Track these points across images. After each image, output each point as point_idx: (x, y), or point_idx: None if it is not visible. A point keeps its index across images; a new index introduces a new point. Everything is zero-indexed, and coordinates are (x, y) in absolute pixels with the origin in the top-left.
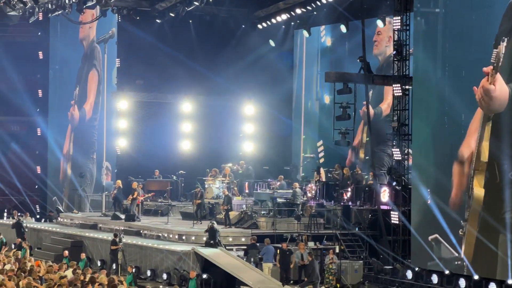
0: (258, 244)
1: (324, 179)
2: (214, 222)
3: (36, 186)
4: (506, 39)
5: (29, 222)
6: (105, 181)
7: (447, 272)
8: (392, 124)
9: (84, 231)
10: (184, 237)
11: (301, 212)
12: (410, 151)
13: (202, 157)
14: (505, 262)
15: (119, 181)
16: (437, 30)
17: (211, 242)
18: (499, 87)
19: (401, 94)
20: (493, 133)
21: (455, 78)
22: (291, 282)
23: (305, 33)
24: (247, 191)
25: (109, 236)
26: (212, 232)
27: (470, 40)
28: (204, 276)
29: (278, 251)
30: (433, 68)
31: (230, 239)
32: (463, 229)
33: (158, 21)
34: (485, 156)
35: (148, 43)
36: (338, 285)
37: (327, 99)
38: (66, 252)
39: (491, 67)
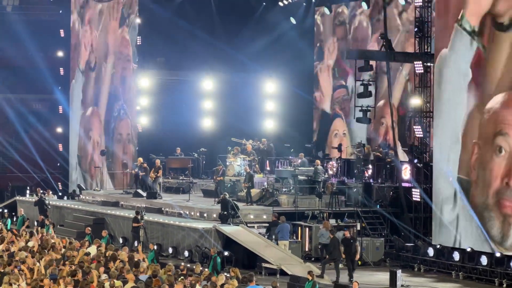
0: (279, 221)
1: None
2: (226, 194)
3: (58, 164)
4: None
5: (51, 200)
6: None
7: (468, 249)
8: (414, 102)
9: (106, 209)
10: (205, 215)
11: (322, 190)
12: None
13: (223, 134)
14: None
15: (140, 159)
16: None
17: (224, 213)
18: None
19: (422, 71)
20: None
21: None
22: (312, 259)
23: (326, 10)
24: (268, 168)
25: (131, 214)
26: (224, 203)
27: None
28: (226, 253)
29: (341, 240)
30: None
31: (252, 217)
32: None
33: None
34: None
35: (169, 21)
36: (359, 262)
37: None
38: (88, 229)
39: None
